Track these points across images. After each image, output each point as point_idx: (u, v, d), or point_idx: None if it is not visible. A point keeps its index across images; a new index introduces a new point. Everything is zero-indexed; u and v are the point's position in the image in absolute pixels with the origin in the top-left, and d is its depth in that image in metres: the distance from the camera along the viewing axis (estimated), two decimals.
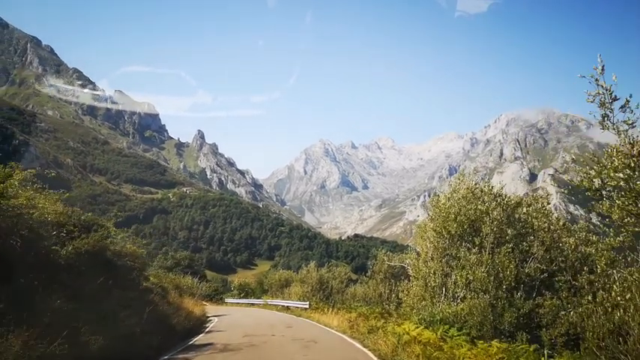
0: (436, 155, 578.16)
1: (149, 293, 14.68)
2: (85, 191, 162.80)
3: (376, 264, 26.45)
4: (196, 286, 33.79)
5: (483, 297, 11.33)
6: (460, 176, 15.14)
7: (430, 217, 15.48)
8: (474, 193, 14.15)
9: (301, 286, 35.39)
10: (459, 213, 13.60)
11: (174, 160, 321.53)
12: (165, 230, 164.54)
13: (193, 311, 20.72)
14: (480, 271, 11.45)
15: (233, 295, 54.69)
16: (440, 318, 11.67)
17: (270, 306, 37.62)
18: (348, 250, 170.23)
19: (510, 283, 11.34)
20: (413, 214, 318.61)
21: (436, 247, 14.17)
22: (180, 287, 25.43)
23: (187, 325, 16.97)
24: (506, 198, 13.78)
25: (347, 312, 21.14)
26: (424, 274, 14.30)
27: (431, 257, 14.37)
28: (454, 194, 14.74)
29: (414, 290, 15.03)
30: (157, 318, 12.85)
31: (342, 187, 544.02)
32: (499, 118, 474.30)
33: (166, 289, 20.52)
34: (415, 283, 15.05)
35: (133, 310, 11.11)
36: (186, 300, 22.72)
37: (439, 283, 13.59)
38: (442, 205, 14.60)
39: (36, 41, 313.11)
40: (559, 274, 11.79)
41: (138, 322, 10.88)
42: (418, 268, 14.80)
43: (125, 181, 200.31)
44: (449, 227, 13.73)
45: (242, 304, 46.28)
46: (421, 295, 14.23)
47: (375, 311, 18.09)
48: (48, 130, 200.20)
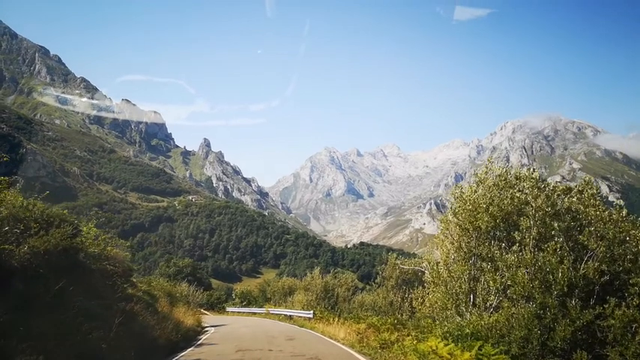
0: (442, 163, 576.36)
1: (128, 301, 12.66)
2: (92, 200, 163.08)
3: (386, 269, 24.56)
4: (193, 294, 31.60)
5: (526, 305, 9.52)
6: (488, 163, 13.21)
7: (453, 210, 13.28)
8: (508, 180, 12.20)
9: (305, 294, 33.59)
10: (491, 203, 11.68)
11: (180, 169, 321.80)
12: (171, 238, 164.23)
13: (184, 322, 18.97)
14: (521, 273, 9.55)
15: (235, 303, 52.75)
16: (470, 332, 9.76)
17: (272, 315, 35.96)
18: (354, 258, 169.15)
19: (563, 287, 9.18)
20: (419, 222, 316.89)
21: (460, 247, 12.29)
22: (173, 295, 23.55)
23: (175, 338, 15.20)
24: (551, 185, 11.73)
25: (355, 322, 19.31)
26: (446, 279, 12.46)
27: (454, 259, 12.55)
28: (480, 185, 12.85)
29: (433, 298, 13.17)
30: (133, 330, 11.24)
31: (347, 194, 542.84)
32: (505, 125, 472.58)
33: (155, 297, 18.80)
34: (434, 290, 13.19)
35: (101, 322, 9.50)
36: (178, 309, 21.12)
37: (466, 289, 11.62)
38: (468, 197, 12.60)
39: (44, 51, 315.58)
40: (626, 276, 9.55)
41: (105, 336, 9.25)
42: (438, 272, 13.02)
43: (131, 190, 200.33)
44: (478, 221, 11.75)
45: (243, 313, 44.62)
46: (443, 304, 12.33)
47: (387, 322, 16.29)
48: (55, 139, 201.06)
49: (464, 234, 12.19)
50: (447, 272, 12.43)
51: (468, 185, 13.11)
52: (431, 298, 13.70)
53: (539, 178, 11.63)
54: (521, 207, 11.08)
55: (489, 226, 11.57)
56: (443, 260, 13.02)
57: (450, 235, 12.90)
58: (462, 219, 12.26)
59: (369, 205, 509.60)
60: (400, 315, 20.61)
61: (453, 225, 12.92)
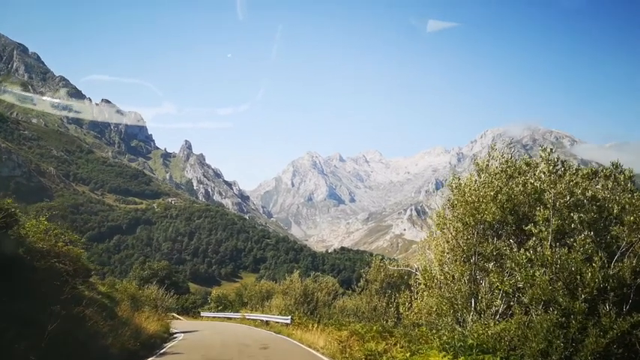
0: (423, 169, 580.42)
1: (77, 304, 11.01)
2: (68, 200, 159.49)
3: (370, 271, 22.86)
4: (162, 298, 29.35)
5: (545, 312, 8.01)
6: (492, 149, 11.62)
7: (450, 203, 11.85)
8: (517, 167, 10.78)
9: (283, 298, 31.79)
10: (499, 192, 10.08)
11: (160, 171, 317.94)
12: (149, 241, 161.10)
13: (147, 328, 17.13)
14: (539, 273, 8.05)
15: (210, 308, 50.89)
16: (474, 342, 8.43)
17: (248, 320, 34.54)
18: (334, 263, 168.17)
19: (592, 290, 7.63)
20: (399, 228, 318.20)
21: (459, 244, 10.88)
22: (137, 298, 21.66)
23: (133, 347, 13.38)
24: (572, 168, 10.09)
25: (336, 329, 17.82)
26: (441, 281, 11.10)
27: (450, 258, 11.14)
28: (482, 173, 11.44)
29: (426, 303, 11.77)
30: (78, 338, 9.77)
31: (329, 199, 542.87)
32: (485, 133, 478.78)
33: (115, 300, 17.19)
34: (428, 294, 11.76)
35: (36, 329, 8.04)
36: (143, 314, 19.45)
37: (466, 292, 10.22)
38: (469, 187, 11.05)
39: (22, 48, 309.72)
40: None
41: (33, 345, 7.76)
42: (431, 274, 11.61)
43: (109, 191, 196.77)
44: (482, 214, 10.19)
45: (218, 318, 43.14)
46: (438, 310, 10.97)
47: (372, 329, 14.81)
48: (31, 138, 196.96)
49: (463, 229, 10.81)
50: (442, 274, 11.17)
51: (468, 174, 11.81)
52: (420, 303, 12.43)
53: (557, 160, 9.98)
54: (535, 196, 9.58)
55: (496, 219, 10.12)
56: (437, 260, 11.74)
57: (447, 231, 11.49)
58: (462, 212, 10.85)
59: (351, 211, 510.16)
60: (385, 321, 19.21)
61: (449, 220, 11.52)
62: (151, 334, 17.16)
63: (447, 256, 11.35)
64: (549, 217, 8.64)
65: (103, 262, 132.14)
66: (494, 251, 9.95)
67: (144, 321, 17.66)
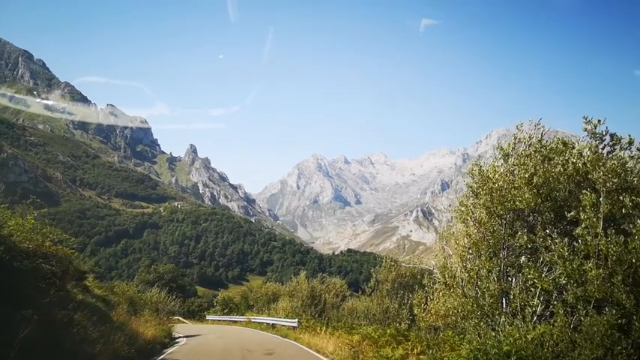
0: (428, 171, 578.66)
1: (61, 309, 10.03)
2: (74, 205, 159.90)
3: (381, 271, 21.78)
4: (164, 301, 28.03)
5: (598, 313, 6.85)
6: (518, 130, 10.56)
7: (472, 191, 10.55)
8: (553, 147, 9.31)
9: (290, 300, 30.78)
10: (535, 173, 8.65)
11: (166, 175, 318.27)
12: (156, 245, 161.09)
13: (144, 333, 16.10)
14: (591, 266, 6.86)
15: (216, 311, 50.20)
16: (511, 349, 7.23)
17: (254, 324, 33.54)
18: (341, 265, 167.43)
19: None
20: (406, 229, 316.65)
21: (484, 238, 9.55)
22: (135, 302, 20.65)
23: (126, 354, 12.38)
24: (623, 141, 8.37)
25: (346, 333, 16.81)
26: (464, 279, 9.98)
27: (474, 253, 9.95)
28: (509, 158, 10.05)
29: (445, 304, 10.57)
30: (61, 345, 8.94)
31: (334, 202, 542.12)
32: (490, 133, 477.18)
33: (111, 303, 16.31)
34: (449, 294, 10.61)
35: (12, 335, 7.21)
36: (143, 318, 18.59)
37: (495, 291, 8.92)
38: (494, 171, 9.73)
39: (27, 55, 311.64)
40: None
41: (4, 354, 7.07)
42: (451, 271, 10.43)
43: (115, 196, 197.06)
44: (513, 201, 8.86)
45: (223, 321, 42.38)
46: (460, 311, 9.71)
47: (385, 333, 13.67)
48: (38, 144, 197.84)
49: (488, 220, 9.52)
50: (465, 271, 9.95)
51: (492, 160, 10.57)
52: (437, 304, 11.25)
53: (605, 133, 8.38)
54: (577, 178, 8.30)
55: (530, 206, 8.72)
56: (458, 256, 10.49)
57: (469, 224, 10.22)
58: (487, 201, 9.52)
59: (356, 213, 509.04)
60: (398, 324, 18.11)
61: (472, 210, 10.17)
62: (149, 339, 16.28)
63: (469, 251, 10.14)
64: (598, 201, 7.43)
65: (111, 267, 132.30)
66: (527, 243, 8.65)
67: (141, 325, 16.77)
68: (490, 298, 9.08)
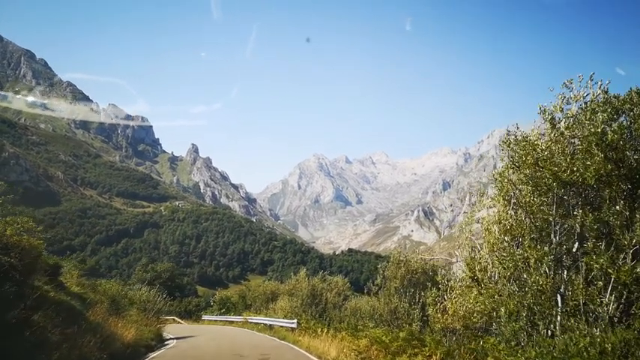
0: (430, 170, 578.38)
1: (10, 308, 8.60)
2: (75, 205, 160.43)
3: (389, 267, 19.92)
4: (154, 300, 25.99)
5: None
6: (568, 83, 8.32)
7: (512, 162, 8.59)
8: (627, 100, 7.35)
9: (289, 299, 29.29)
10: (604, 133, 6.83)
11: (167, 174, 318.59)
12: (156, 244, 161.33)
13: (123, 335, 14.52)
14: None
15: (213, 311, 48.70)
16: None
17: (251, 324, 32.07)
18: (342, 264, 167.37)
19: None
20: (407, 229, 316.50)
21: (526, 219, 7.64)
22: (117, 301, 18.85)
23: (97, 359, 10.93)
24: None
25: (350, 335, 14.95)
26: (498, 273, 8.06)
27: (513, 239, 8.02)
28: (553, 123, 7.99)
29: (460, 303, 9.05)
30: (7, 353, 7.74)
31: (336, 201, 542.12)
32: (492, 133, 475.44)
33: (88, 302, 14.64)
34: (474, 290, 8.72)
35: None
36: (130, 318, 17.49)
37: (547, 285, 7.10)
38: (537, 139, 7.85)
39: (30, 54, 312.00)
40: None
41: None
42: (478, 264, 8.68)
43: (117, 195, 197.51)
44: (570, 171, 7.02)
45: (219, 321, 41.24)
46: (494, 311, 8.02)
47: (398, 337, 11.60)
48: (39, 143, 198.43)
49: (537, 196, 7.58)
50: (502, 262, 7.99)
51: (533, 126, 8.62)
52: (455, 304, 9.62)
53: None
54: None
55: (600, 174, 6.78)
56: (490, 245, 8.63)
57: (503, 205, 8.45)
58: (532, 173, 7.56)
59: (358, 212, 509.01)
60: (409, 325, 16.53)
61: (512, 186, 8.23)
62: (130, 342, 14.71)
63: (504, 238, 8.30)
64: None
65: (111, 266, 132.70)
66: (593, 224, 6.75)
67: (122, 327, 15.28)
68: (540, 294, 7.27)
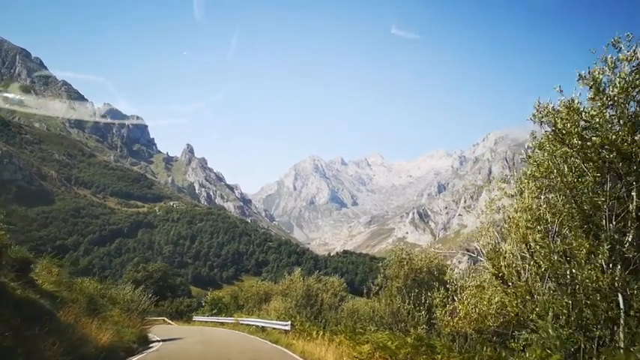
0: (425, 173, 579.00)
1: None
2: (69, 204, 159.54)
3: (390, 265, 18.48)
4: (138, 300, 24.31)
5: None
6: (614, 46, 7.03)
7: (556, 131, 7.36)
8: None
9: (283, 300, 28.13)
10: None
11: (162, 175, 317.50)
12: (150, 244, 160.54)
13: (97, 337, 13.17)
14: None
15: (204, 312, 47.50)
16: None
17: (242, 326, 31.02)
18: (337, 266, 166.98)
19: None
20: (402, 231, 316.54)
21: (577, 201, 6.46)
22: (96, 300, 17.50)
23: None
24: None
25: (349, 339, 13.54)
26: (530, 269, 6.81)
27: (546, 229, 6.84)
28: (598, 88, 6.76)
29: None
30: None
31: (331, 203, 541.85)
32: (487, 136, 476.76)
33: (59, 301, 13.20)
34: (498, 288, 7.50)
35: None
36: (112, 319, 16.48)
37: (605, 283, 5.99)
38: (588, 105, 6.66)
39: (25, 53, 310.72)
40: None
41: None
42: (503, 257, 7.39)
43: (111, 195, 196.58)
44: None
45: (210, 322, 40.39)
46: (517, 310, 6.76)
47: (405, 342, 10.45)
48: (33, 142, 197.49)
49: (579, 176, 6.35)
50: (532, 257, 6.79)
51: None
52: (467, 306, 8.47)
53: None
54: None
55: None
56: (518, 236, 7.36)
57: (542, 185, 7.19)
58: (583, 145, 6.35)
59: (353, 214, 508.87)
60: (413, 329, 15.22)
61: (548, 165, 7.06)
62: (105, 345, 13.39)
63: (536, 227, 7.08)
64: None
65: (104, 266, 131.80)
66: None
67: (96, 328, 13.88)
68: (595, 294, 6.11)
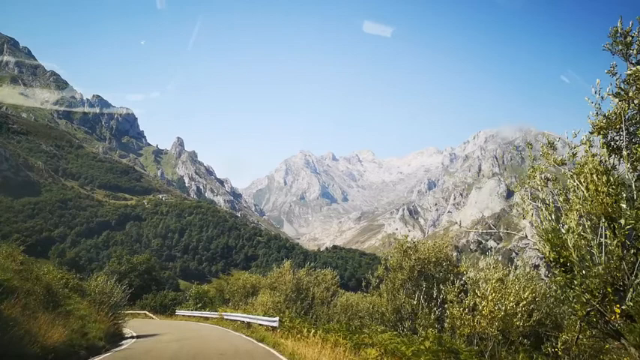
0: (415, 169, 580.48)
1: None
2: (56, 195, 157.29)
3: (393, 254, 16.71)
4: (110, 292, 22.13)
5: None
6: None
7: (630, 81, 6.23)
8: None
9: (271, 294, 26.47)
10: None
11: (151, 167, 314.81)
12: (138, 237, 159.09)
13: (45, 335, 11.38)
14: None
15: (188, 306, 45.94)
16: None
17: (226, 321, 29.54)
18: (326, 261, 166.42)
19: None
20: (392, 227, 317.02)
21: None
22: (54, 291, 15.63)
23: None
24: None
25: (349, 341, 11.80)
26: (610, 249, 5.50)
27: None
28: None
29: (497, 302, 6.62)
30: None
31: (321, 198, 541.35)
32: (478, 134, 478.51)
33: (3, 289, 11.21)
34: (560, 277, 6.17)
35: None
36: (77, 312, 15.23)
37: None
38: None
39: (13, 42, 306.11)
40: None
41: None
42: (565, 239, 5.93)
43: (99, 187, 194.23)
44: None
45: (194, 317, 39.02)
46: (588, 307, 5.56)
47: (423, 346, 8.82)
48: (20, 132, 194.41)
49: None
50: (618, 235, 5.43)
51: None
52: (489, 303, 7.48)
53: None
54: None
55: None
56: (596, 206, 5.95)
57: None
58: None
59: (343, 210, 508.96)
60: (425, 329, 13.18)
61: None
62: (55, 344, 11.67)
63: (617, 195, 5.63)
64: None
65: (91, 258, 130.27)
66: None
67: (47, 324, 12.16)
68: None
